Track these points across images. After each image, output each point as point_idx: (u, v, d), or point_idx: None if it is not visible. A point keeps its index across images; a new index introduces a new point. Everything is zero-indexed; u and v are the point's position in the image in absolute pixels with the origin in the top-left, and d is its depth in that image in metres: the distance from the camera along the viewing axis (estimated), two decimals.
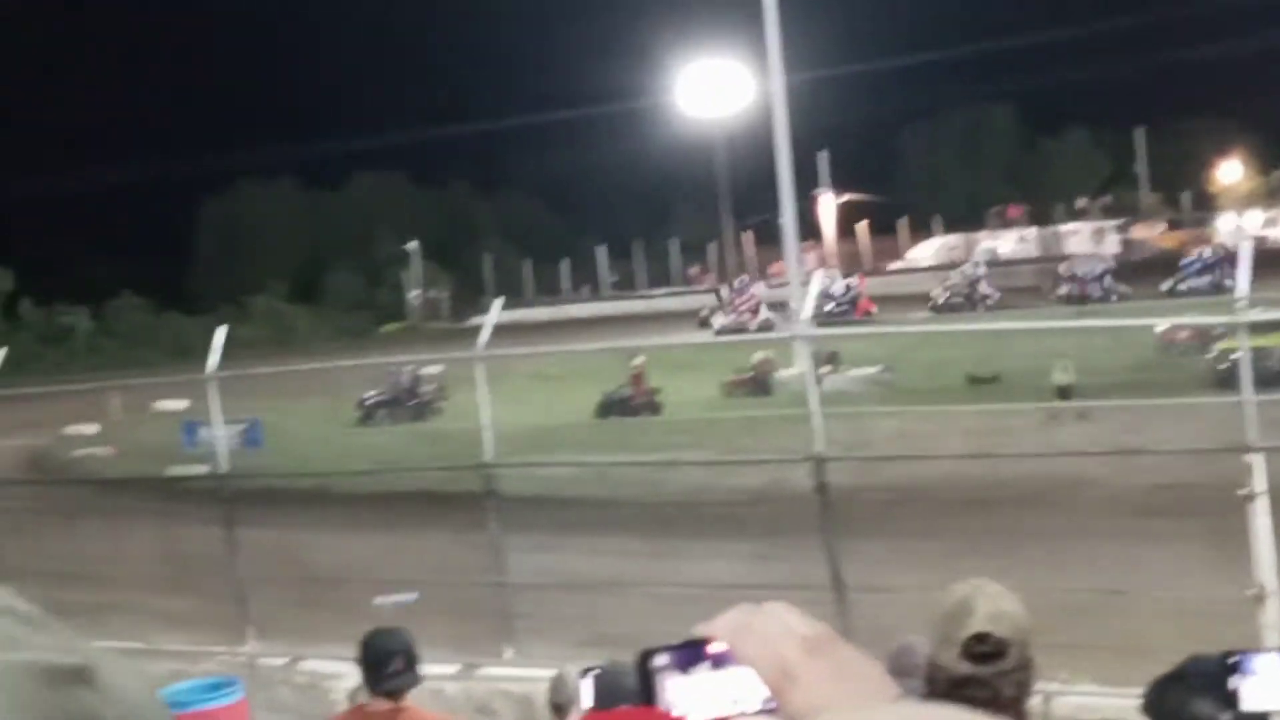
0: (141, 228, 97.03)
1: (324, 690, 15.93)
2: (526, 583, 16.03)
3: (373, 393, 39.78)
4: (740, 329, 49.17)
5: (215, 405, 18.33)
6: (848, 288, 54.73)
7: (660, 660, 1.53)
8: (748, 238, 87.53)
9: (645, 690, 1.52)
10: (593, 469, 21.02)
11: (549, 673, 10.99)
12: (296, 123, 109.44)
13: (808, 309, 15.72)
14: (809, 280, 21.54)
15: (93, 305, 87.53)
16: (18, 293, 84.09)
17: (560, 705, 6.88)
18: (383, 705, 7.57)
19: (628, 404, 35.64)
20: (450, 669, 15.54)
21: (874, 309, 53.44)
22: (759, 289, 57.98)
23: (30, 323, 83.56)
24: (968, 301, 54.16)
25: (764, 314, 52.08)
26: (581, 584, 16.92)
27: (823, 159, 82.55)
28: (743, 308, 53.01)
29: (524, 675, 13.44)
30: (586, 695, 6.16)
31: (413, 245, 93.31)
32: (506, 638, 15.15)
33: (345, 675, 16.09)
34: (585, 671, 6.23)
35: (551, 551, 17.75)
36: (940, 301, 54.73)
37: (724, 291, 55.31)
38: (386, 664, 7.63)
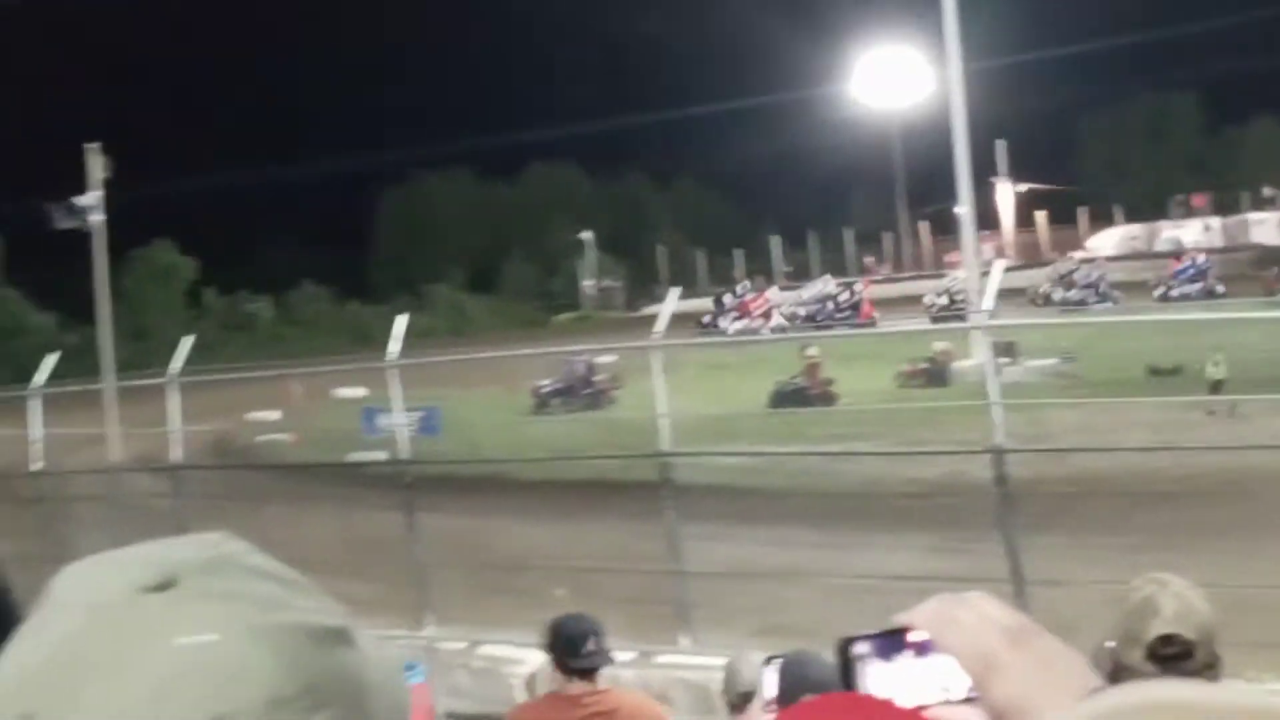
0: (322, 218, 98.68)
1: (502, 675, 16.10)
2: (702, 571, 16.03)
3: (547, 381, 39.99)
4: (753, 333, 48.98)
5: (396, 392, 18.60)
6: (852, 292, 54.74)
7: (861, 648, 1.53)
8: (924, 227, 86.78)
9: (846, 678, 1.53)
10: (768, 459, 20.96)
11: (725, 661, 11.03)
12: (473, 115, 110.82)
13: (988, 300, 15.54)
14: (988, 270, 21.25)
15: (275, 294, 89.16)
16: (202, 282, 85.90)
17: (739, 694, 6.83)
18: (580, 687, 7.56)
19: (802, 394, 35.44)
20: (626, 656, 15.61)
21: (874, 314, 53.12)
22: (772, 293, 57.58)
23: (214, 310, 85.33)
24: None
25: (776, 319, 51.57)
26: (757, 573, 16.88)
27: (1001, 148, 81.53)
28: (756, 312, 52.32)
29: (700, 663, 13.48)
30: (770, 685, 6.14)
31: (587, 235, 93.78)
32: (682, 626, 15.19)
33: (524, 660, 16.28)
34: (769, 660, 6.21)
35: (726, 541, 17.72)
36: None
37: (727, 298, 54.40)
38: (581, 644, 7.62)
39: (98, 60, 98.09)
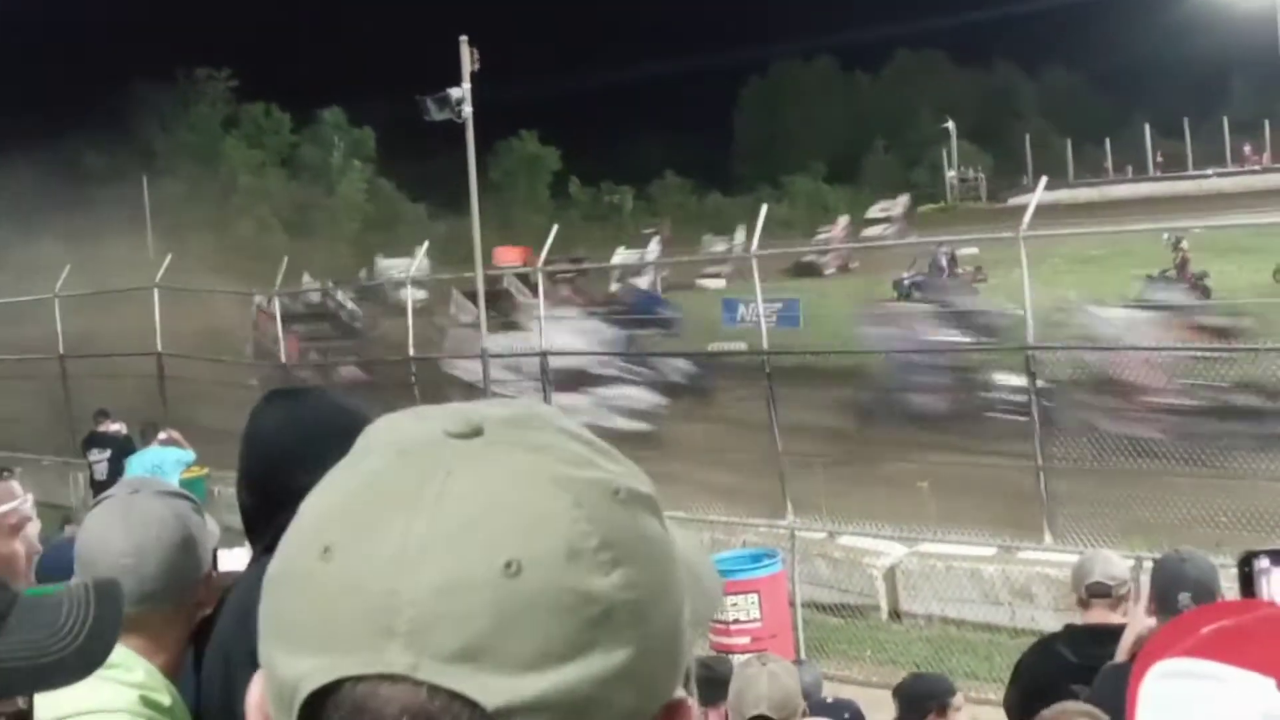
0: (684, 109, 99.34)
1: (862, 566, 16.15)
2: (1068, 468, 15.78)
3: (909, 273, 39.66)
4: None
5: (757, 282, 18.69)
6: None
7: (1262, 563, 1.48)
8: None
9: (1246, 588, 1.48)
10: (1133, 354, 20.40)
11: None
12: (839, 4, 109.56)
13: None
14: None
15: (636, 185, 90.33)
16: (566, 172, 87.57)
17: (1086, 589, 6.64)
18: None
19: (1173, 287, 34.37)
20: (988, 551, 15.51)
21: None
22: None
23: (578, 201, 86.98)
24: None
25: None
26: (1124, 470, 16.48)
27: None
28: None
29: (1062, 560, 13.25)
30: (1146, 586, 6.01)
31: (950, 125, 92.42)
32: (1046, 522, 15.00)
33: (884, 552, 16.30)
34: (1139, 560, 6.09)
35: (1088, 438, 17.36)
36: None
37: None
38: None
39: None
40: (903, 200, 71.71)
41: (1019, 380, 16.86)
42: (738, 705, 5.75)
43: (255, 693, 0.99)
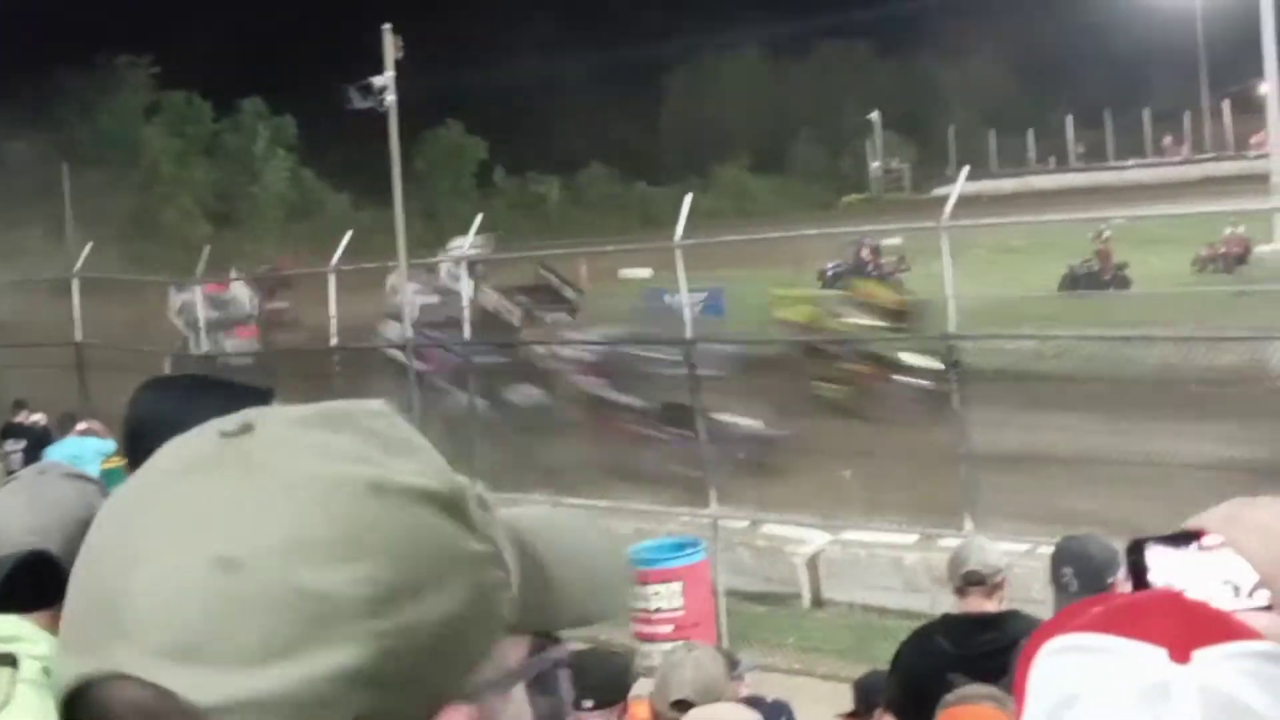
0: (610, 100, 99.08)
1: (784, 555, 16.22)
2: (988, 455, 15.90)
3: (833, 263, 39.78)
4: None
5: (680, 273, 18.71)
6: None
7: (1152, 549, 1.49)
8: (1226, 107, 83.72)
9: (1137, 579, 1.49)
10: (1056, 343, 20.57)
11: (1012, 546, 10.93)
12: None
13: None
14: None
15: (562, 175, 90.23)
16: (490, 162, 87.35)
17: (961, 577, 6.67)
18: None
19: (1094, 278, 34.72)
20: (910, 539, 15.61)
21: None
22: None
23: (503, 191, 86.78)
24: None
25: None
26: (1043, 458, 16.65)
27: None
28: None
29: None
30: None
31: (875, 116, 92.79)
32: (967, 510, 15.10)
33: (806, 540, 16.38)
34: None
35: (1011, 427, 17.50)
36: None
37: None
38: None
39: None
40: None
41: (936, 367, 17.01)
42: (662, 690, 5.78)
43: None
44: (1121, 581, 4.96)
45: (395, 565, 0.90)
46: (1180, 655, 1.19)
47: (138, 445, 3.02)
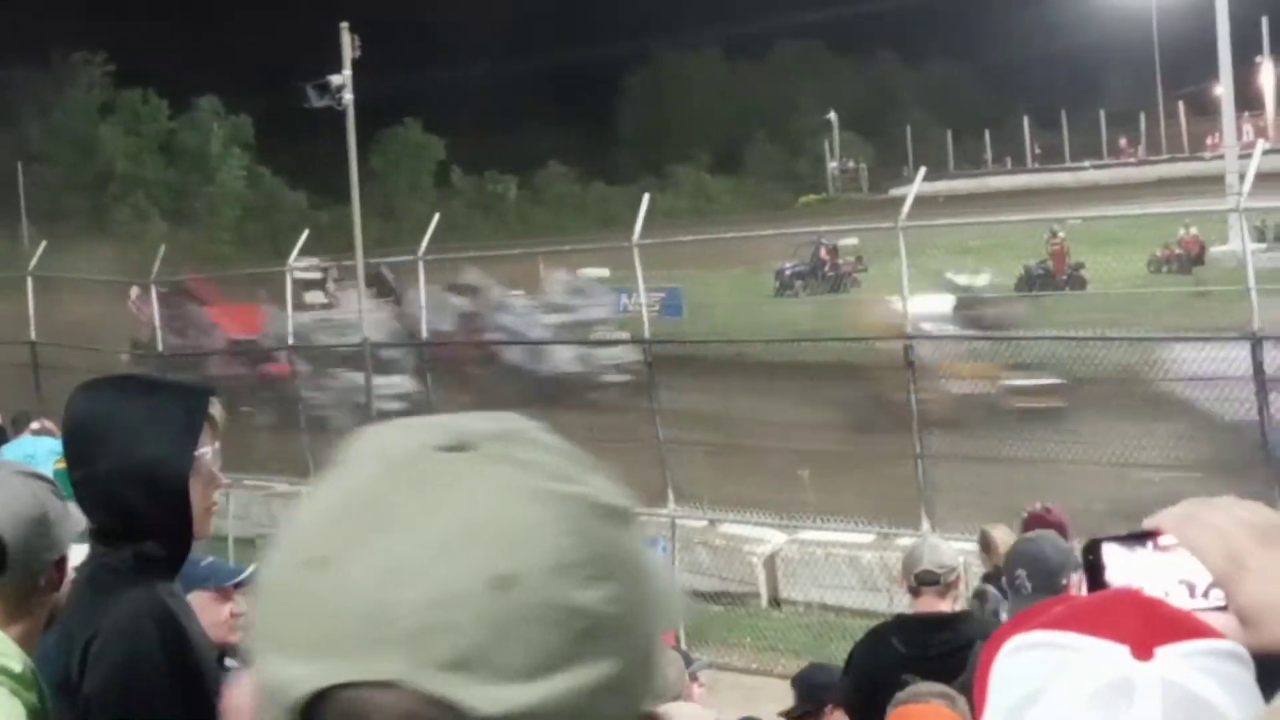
0: (568, 99, 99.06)
1: (743, 554, 16.23)
2: (943, 454, 15.95)
3: (790, 263, 39.87)
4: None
5: (639, 273, 18.71)
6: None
7: (1108, 549, 1.50)
8: (1181, 108, 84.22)
9: (1093, 579, 1.50)
10: (1013, 344, 20.63)
11: (966, 544, 10.96)
12: None
13: (1248, 183, 15.08)
14: (1248, 153, 20.57)
15: (521, 174, 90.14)
16: (449, 162, 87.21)
17: (915, 576, 6.69)
18: None
19: (1050, 278, 34.89)
20: (867, 538, 15.65)
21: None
22: None
23: (461, 190, 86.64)
24: None
25: None
26: (997, 458, 16.72)
27: (1265, 25, 78.51)
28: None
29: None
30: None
31: (832, 116, 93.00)
32: (924, 509, 15.15)
33: (763, 540, 16.39)
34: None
35: (968, 427, 17.57)
36: None
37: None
38: None
39: None
40: None
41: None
42: None
43: (238, 694, 1.01)
44: (1076, 583, 4.99)
45: (628, 583, 0.97)
46: (1142, 652, 1.20)
47: (75, 446, 3.05)
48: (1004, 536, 8.92)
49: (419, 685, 0.91)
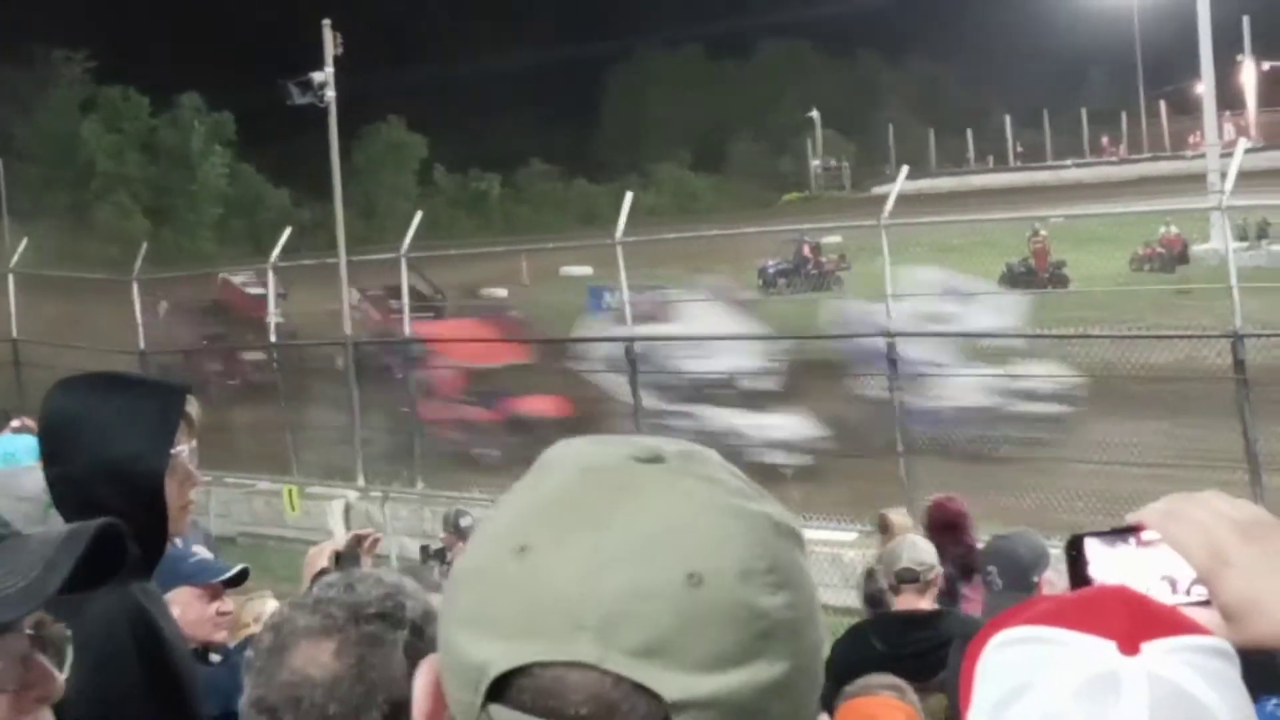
0: (551, 97, 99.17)
1: None
2: (924, 449, 15.97)
3: (774, 261, 39.86)
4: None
5: (621, 270, 18.71)
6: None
7: (1090, 545, 1.50)
8: (1162, 107, 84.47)
9: (1075, 575, 1.49)
10: (993, 341, 20.67)
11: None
12: None
13: (1229, 181, 15.11)
14: (1230, 151, 20.62)
15: (503, 172, 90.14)
16: (431, 159, 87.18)
17: (894, 574, 6.69)
18: None
19: (1032, 276, 34.94)
20: (849, 536, 15.66)
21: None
22: None
23: (443, 188, 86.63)
24: None
25: None
26: (982, 455, 16.75)
27: (1246, 24, 78.73)
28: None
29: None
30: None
31: (815, 114, 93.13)
32: (907, 507, 15.14)
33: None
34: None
35: (948, 420, 17.60)
36: None
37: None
38: None
39: None
40: None
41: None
42: None
43: (427, 677, 1.15)
44: (1048, 580, 5.00)
45: (802, 594, 1.07)
46: (1129, 647, 1.21)
47: (50, 443, 3.04)
48: (901, 520, 9.15)
49: (611, 667, 1.00)
